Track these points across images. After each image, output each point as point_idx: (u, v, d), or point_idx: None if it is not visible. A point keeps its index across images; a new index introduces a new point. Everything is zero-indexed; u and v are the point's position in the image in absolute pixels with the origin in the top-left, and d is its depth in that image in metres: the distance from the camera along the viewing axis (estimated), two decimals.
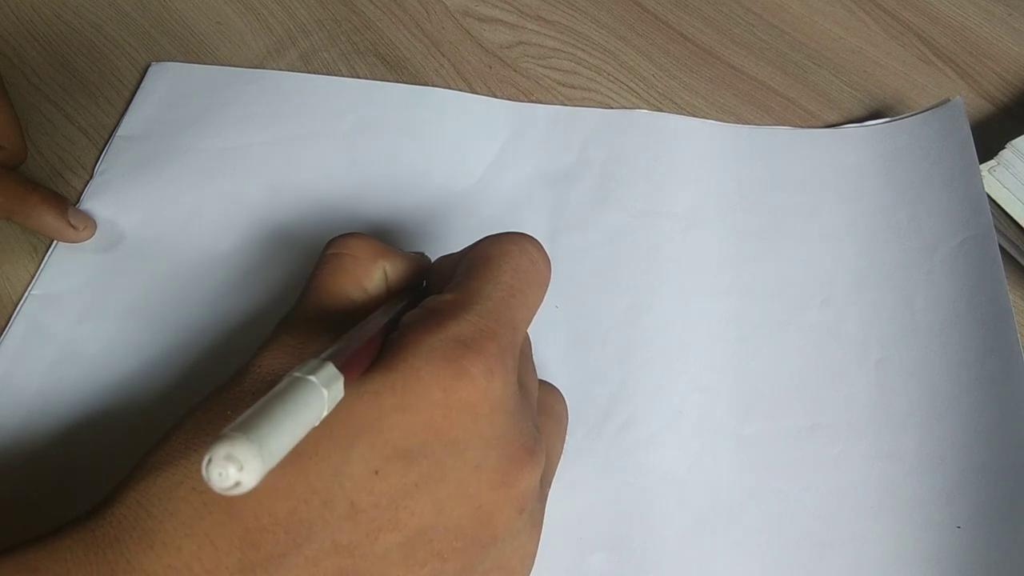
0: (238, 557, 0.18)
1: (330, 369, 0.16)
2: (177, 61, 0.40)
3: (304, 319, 0.23)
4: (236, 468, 0.13)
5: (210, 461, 0.13)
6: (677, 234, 0.33)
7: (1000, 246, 0.31)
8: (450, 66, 0.40)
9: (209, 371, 0.30)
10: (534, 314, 0.22)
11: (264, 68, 0.40)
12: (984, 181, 0.33)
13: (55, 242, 0.34)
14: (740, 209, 0.34)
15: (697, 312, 0.31)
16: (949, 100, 0.35)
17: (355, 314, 0.23)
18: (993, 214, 0.32)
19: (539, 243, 0.23)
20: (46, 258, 0.33)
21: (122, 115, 0.38)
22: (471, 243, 0.23)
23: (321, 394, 0.15)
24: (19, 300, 0.32)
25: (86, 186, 0.35)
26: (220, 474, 0.13)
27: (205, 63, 0.40)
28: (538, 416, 0.23)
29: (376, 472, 0.18)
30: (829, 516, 0.27)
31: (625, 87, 0.39)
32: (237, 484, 0.13)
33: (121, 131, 0.37)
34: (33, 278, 0.33)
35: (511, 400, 0.20)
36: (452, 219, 0.34)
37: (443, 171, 0.36)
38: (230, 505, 0.18)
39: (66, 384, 0.30)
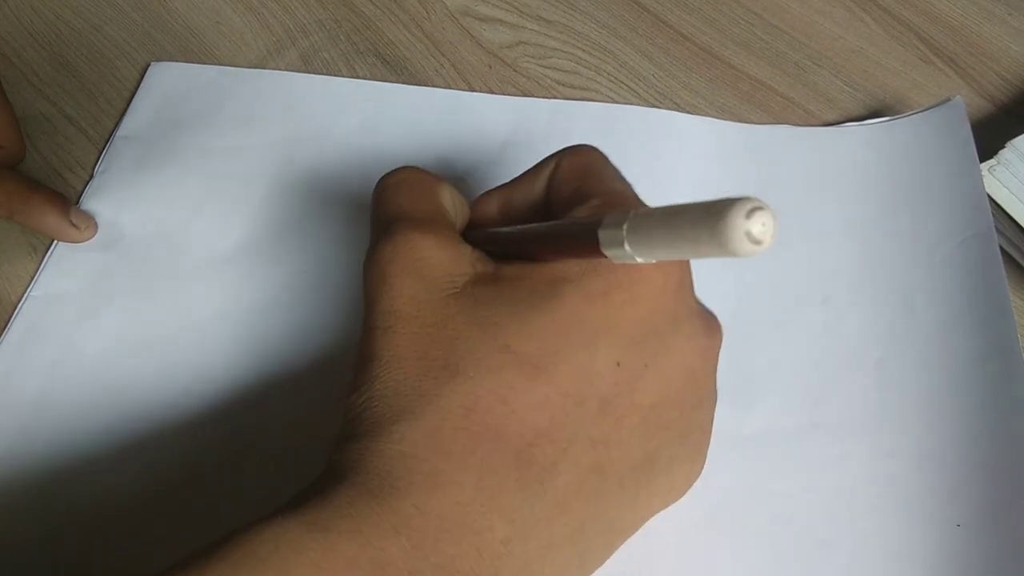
0: (515, 478, 0.18)
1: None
2: (177, 61, 0.40)
3: (416, 228, 0.21)
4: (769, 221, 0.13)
5: (753, 211, 0.13)
6: None
7: (1000, 246, 0.31)
8: (450, 66, 0.40)
9: (210, 370, 0.30)
10: None
11: (264, 68, 0.40)
12: (984, 181, 0.33)
13: (55, 242, 0.34)
14: None
15: None
16: (949, 100, 0.35)
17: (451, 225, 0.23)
18: (993, 214, 0.32)
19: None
20: (46, 258, 0.33)
21: (122, 115, 0.38)
22: (527, 170, 0.24)
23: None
24: (19, 300, 0.32)
25: (86, 186, 0.35)
26: (763, 224, 0.13)
27: (205, 63, 0.40)
28: None
29: (618, 364, 0.20)
30: (829, 515, 0.27)
31: (625, 87, 0.39)
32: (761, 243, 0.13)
33: (121, 131, 0.37)
34: (33, 278, 0.33)
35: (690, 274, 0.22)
36: None
37: (443, 169, 0.36)
38: (496, 433, 0.18)
39: (66, 384, 0.30)
